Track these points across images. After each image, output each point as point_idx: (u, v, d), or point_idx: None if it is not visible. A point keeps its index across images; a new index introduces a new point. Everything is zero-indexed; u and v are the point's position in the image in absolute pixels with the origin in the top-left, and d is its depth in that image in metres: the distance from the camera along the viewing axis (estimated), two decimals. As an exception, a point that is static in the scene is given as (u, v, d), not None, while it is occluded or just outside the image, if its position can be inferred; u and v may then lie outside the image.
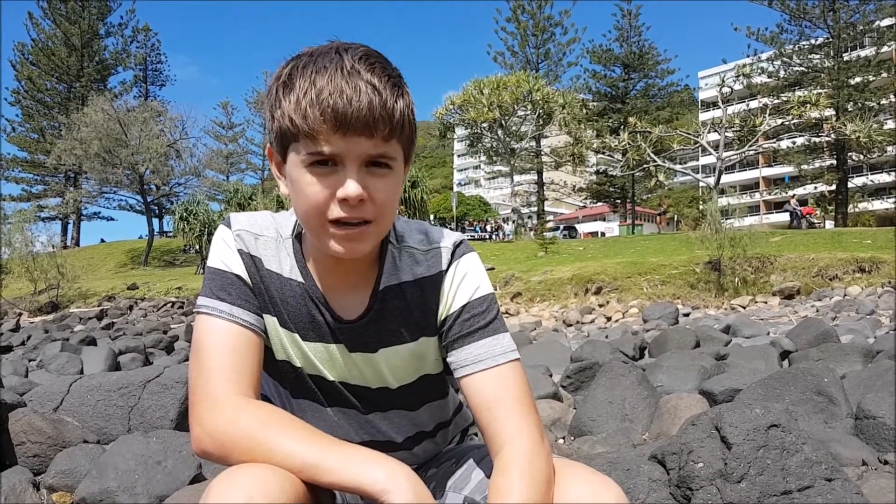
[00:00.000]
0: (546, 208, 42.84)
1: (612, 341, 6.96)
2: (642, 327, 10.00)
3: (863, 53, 34.06)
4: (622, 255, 17.60)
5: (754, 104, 32.41)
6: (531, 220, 39.63)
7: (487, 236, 38.50)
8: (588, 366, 4.26)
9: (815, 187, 36.21)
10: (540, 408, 3.15)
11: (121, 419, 2.95)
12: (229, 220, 1.05)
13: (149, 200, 40.26)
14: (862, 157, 32.30)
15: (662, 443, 2.03)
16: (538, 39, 42.27)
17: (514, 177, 35.82)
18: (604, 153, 35.40)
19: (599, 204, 50.47)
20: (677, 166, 30.65)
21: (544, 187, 41.12)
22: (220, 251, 1.02)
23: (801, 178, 37.28)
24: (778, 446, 1.72)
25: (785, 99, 28.97)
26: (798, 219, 25.86)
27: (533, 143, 36.13)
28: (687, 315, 11.53)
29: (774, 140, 31.80)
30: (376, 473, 0.83)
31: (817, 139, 32.16)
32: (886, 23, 32.77)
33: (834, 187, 33.97)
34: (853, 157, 32.91)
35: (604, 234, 43.13)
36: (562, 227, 43.82)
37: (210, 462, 1.24)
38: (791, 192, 34.39)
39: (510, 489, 0.88)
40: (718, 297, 12.94)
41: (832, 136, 29.39)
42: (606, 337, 8.91)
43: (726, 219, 14.73)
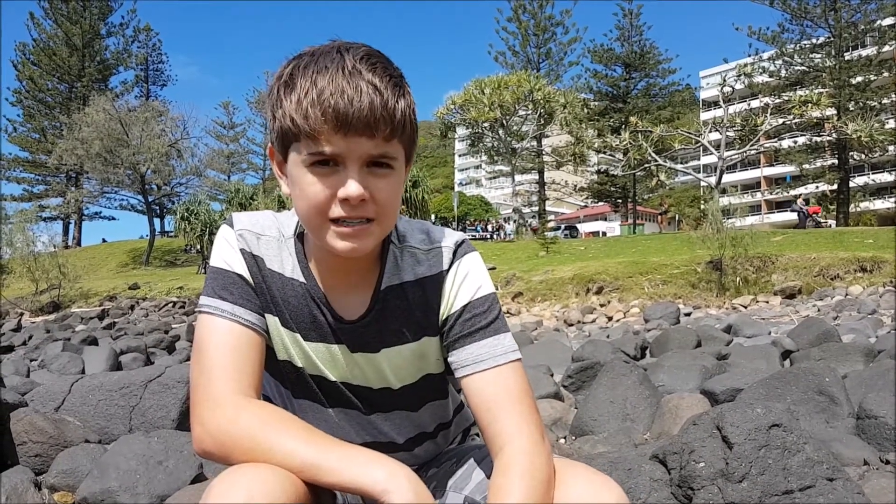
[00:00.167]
0: (547, 208, 42.82)
1: (614, 341, 6.96)
2: (643, 327, 9.99)
3: (864, 53, 34.00)
4: (623, 254, 17.59)
5: (756, 103, 32.35)
6: (534, 219, 39.57)
7: (488, 236, 38.50)
8: (589, 365, 4.25)
9: (817, 187, 36.18)
10: (541, 407, 3.16)
11: (122, 419, 2.95)
12: (232, 220, 1.05)
13: (150, 200, 40.35)
14: (863, 156, 32.19)
15: (664, 442, 2.03)
16: (539, 39, 42.28)
17: (516, 176, 35.83)
18: (605, 153, 35.34)
19: (601, 203, 50.42)
20: (678, 166, 30.64)
21: (545, 187, 41.08)
22: (223, 251, 1.02)
23: (802, 177, 37.27)
24: (779, 446, 1.72)
25: (786, 98, 28.95)
26: (805, 218, 25.90)
27: (534, 143, 36.14)
28: (688, 315, 11.52)
29: (776, 139, 31.77)
30: (377, 473, 0.82)
31: (819, 138, 32.10)
32: (887, 22, 32.70)
33: (835, 187, 33.91)
34: (854, 156, 32.81)
35: (605, 233, 43.01)
36: (563, 226, 43.78)
37: (211, 462, 1.24)
38: (797, 192, 34.34)
39: (510, 489, 0.88)
40: (720, 296, 12.93)
41: (833, 135, 29.33)
42: (608, 336, 8.91)
43: (727, 218, 14.68)
